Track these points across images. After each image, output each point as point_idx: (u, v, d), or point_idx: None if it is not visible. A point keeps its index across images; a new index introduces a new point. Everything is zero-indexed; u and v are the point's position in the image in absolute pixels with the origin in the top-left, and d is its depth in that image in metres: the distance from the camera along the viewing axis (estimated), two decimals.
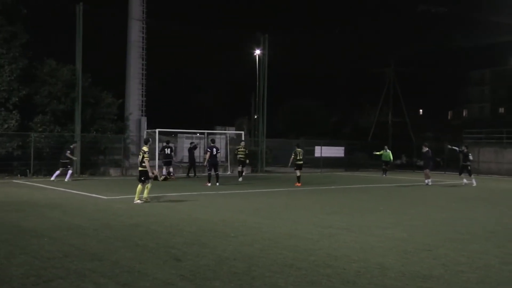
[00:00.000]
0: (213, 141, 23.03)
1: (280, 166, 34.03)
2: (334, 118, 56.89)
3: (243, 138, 29.73)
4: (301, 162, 22.61)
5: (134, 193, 14.77)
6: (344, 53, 52.99)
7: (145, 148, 15.01)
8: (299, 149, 22.64)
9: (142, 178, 14.69)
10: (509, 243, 9.66)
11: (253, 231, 10.37)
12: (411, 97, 58.26)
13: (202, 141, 31.53)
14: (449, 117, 66.59)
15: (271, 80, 36.37)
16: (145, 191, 14.75)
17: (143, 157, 14.67)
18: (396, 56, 53.42)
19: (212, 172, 21.55)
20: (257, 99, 38.14)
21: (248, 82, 44.86)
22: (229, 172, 30.40)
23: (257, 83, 37.43)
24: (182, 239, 9.42)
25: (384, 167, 28.60)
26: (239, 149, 25.22)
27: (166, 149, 25.08)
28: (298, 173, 22.34)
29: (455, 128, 50.46)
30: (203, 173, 25.31)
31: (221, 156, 27.17)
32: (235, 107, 56.83)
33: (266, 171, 32.42)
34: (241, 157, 24.79)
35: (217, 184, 21.01)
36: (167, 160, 25.04)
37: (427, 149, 24.37)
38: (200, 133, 32.43)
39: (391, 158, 28.78)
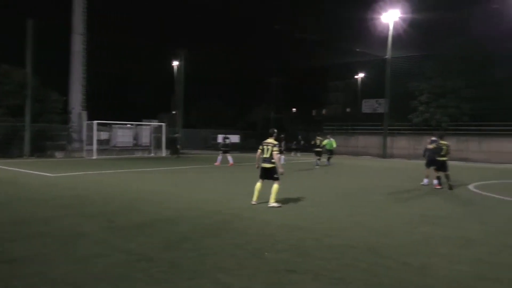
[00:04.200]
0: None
1: (192, 149, 34.09)
2: (232, 113, 57.33)
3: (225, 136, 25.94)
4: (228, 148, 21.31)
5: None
6: (244, 62, 53.38)
7: (273, 141, 9.48)
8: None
9: (275, 176, 9.38)
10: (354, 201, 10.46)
11: (173, 197, 10.37)
12: (288, 99, 60.50)
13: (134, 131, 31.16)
14: (313, 114, 69.62)
15: (187, 83, 36.17)
16: (274, 193, 9.35)
17: (272, 151, 9.30)
18: (278, 68, 54.81)
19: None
20: (175, 98, 37.90)
21: (170, 83, 44.08)
22: (152, 154, 30.34)
23: (175, 86, 37.21)
24: (115, 205, 9.22)
25: (328, 155, 23.73)
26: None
27: None
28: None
29: (318, 122, 52.85)
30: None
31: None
32: (159, 103, 55.38)
33: (182, 153, 32.09)
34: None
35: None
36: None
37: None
38: (131, 124, 31.70)
39: (334, 145, 24.15)
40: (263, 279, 4.77)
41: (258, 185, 9.65)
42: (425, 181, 14.25)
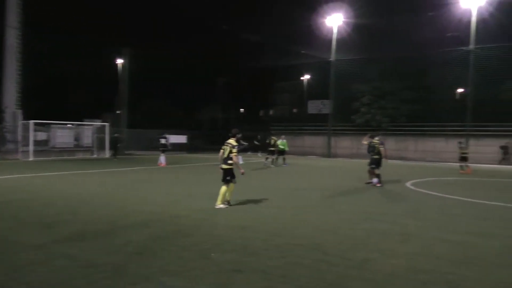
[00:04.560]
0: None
1: (137, 150, 33.15)
2: (179, 113, 56.50)
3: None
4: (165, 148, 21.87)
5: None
6: (191, 62, 52.64)
7: (233, 142, 9.46)
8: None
9: (228, 178, 9.35)
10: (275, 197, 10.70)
11: (115, 200, 10.06)
12: (236, 99, 60.75)
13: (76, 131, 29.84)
14: (261, 115, 70.33)
15: (133, 82, 35.18)
16: (228, 193, 9.43)
17: (230, 151, 9.36)
18: (226, 68, 54.75)
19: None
20: (120, 97, 36.69)
21: (114, 82, 42.58)
22: (95, 155, 29.16)
23: (119, 84, 36.09)
24: (54, 210, 8.79)
25: (283, 156, 23.84)
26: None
27: None
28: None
29: (265, 123, 53.45)
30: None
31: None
32: (103, 103, 53.26)
33: (126, 154, 31.19)
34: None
35: None
36: None
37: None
38: (71, 124, 30.30)
39: (285, 146, 24.26)
40: (210, 280, 4.78)
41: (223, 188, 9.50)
42: (373, 180, 14.75)
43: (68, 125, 30.15)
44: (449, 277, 5.02)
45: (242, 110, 69.83)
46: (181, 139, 38.08)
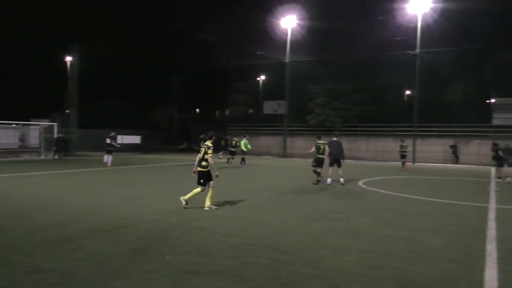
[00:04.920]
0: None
1: (89, 151, 31.93)
2: (134, 113, 55.07)
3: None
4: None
5: None
6: (146, 61, 51.33)
7: (209, 143, 9.29)
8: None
9: (201, 181, 9.22)
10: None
11: (61, 204, 9.63)
12: (191, 99, 60.01)
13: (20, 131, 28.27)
14: (217, 115, 70.04)
15: (84, 81, 33.90)
16: (208, 198, 9.30)
17: (205, 153, 9.19)
18: (182, 68, 53.93)
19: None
20: (69, 96, 35.25)
21: (64, 80, 40.75)
22: (42, 156, 27.85)
23: (68, 83, 34.73)
24: None
25: (243, 157, 23.61)
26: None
27: None
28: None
29: (221, 123, 53.29)
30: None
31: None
32: (50, 102, 50.80)
33: (77, 155, 29.99)
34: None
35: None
36: None
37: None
38: (16, 124, 28.74)
39: (247, 147, 24.16)
40: (165, 282, 4.69)
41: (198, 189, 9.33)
42: (330, 180, 14.89)
43: (13, 125, 28.60)
44: (397, 272, 5.23)
45: (198, 110, 69.20)
46: (135, 139, 37.23)
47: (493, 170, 21.26)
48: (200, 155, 9.29)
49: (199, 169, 9.29)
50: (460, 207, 10.51)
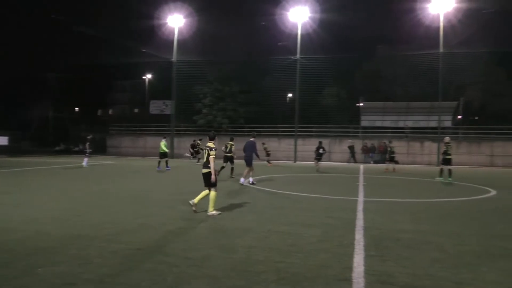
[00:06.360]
0: None
1: None
2: None
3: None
4: None
5: None
6: (15, 55, 45.88)
7: (211, 144, 9.02)
8: None
9: (211, 182, 8.91)
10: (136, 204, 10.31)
11: None
12: (69, 97, 55.31)
13: None
14: (99, 114, 65.95)
15: None
16: (199, 197, 9.14)
17: (208, 155, 8.89)
18: (58, 63, 49.60)
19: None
20: None
21: None
22: None
23: None
24: None
25: (162, 158, 22.42)
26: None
27: None
28: None
29: (103, 123, 50.28)
30: None
31: None
32: None
33: None
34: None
35: None
36: None
37: None
38: None
39: (166, 149, 22.72)
40: None
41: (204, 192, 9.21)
42: (249, 180, 15.24)
43: None
44: (279, 265, 5.51)
45: (77, 109, 64.29)
46: (1, 140, 33.14)
47: (361, 166, 23.70)
48: (203, 158, 9.18)
49: (204, 171, 9.00)
50: (334, 201, 11.49)
